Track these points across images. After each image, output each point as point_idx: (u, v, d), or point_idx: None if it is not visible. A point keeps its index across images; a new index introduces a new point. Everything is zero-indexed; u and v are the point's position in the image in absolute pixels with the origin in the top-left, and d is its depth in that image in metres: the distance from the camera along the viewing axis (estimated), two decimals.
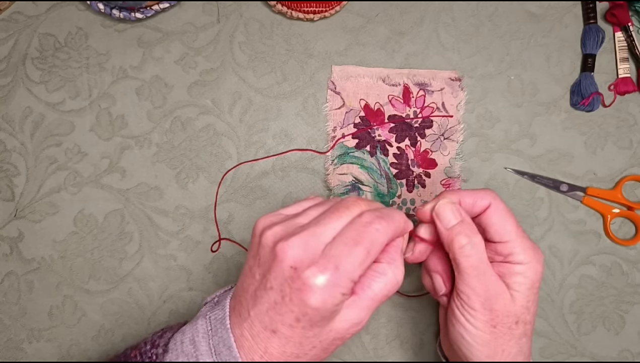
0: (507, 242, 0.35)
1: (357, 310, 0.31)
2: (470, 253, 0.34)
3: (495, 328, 0.34)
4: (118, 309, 0.48)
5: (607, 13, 0.49)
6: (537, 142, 0.49)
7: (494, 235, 0.35)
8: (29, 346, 0.47)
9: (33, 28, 0.49)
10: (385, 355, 0.48)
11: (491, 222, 0.35)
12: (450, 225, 0.35)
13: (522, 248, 0.35)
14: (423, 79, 0.48)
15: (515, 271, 0.35)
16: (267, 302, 0.30)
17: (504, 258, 0.35)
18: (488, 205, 0.36)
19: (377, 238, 0.30)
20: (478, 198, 0.36)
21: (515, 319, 0.34)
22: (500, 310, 0.34)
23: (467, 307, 0.35)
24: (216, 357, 0.31)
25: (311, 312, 0.29)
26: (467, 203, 0.36)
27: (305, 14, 0.47)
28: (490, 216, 0.35)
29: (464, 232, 0.34)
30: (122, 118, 0.48)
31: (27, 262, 0.48)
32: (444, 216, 0.35)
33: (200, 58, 0.49)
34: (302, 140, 0.49)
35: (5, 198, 0.48)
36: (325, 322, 0.30)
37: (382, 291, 0.32)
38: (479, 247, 0.34)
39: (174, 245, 0.48)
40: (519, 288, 0.35)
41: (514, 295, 0.35)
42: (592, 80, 0.48)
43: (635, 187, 0.49)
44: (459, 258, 0.34)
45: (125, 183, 0.48)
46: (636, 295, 0.48)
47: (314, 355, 0.31)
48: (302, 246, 0.29)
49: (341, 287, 0.29)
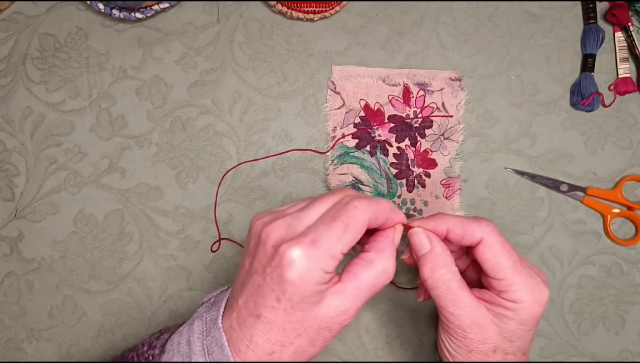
0: (501, 279, 0.33)
1: (342, 298, 0.30)
2: (435, 286, 0.34)
3: (471, 354, 0.34)
4: (118, 309, 0.48)
5: (607, 13, 0.49)
6: (537, 142, 0.49)
7: (488, 271, 0.34)
8: (29, 346, 0.47)
9: (33, 28, 0.49)
10: (385, 355, 0.48)
11: (484, 258, 0.34)
12: (421, 253, 0.35)
13: (519, 287, 0.33)
14: (423, 79, 0.48)
15: (506, 306, 0.33)
16: (252, 286, 0.30)
17: (497, 292, 0.34)
18: (479, 240, 0.34)
19: (356, 215, 0.30)
20: (469, 231, 0.34)
21: (493, 347, 0.34)
22: (475, 338, 0.34)
23: (445, 329, 0.35)
24: (209, 356, 0.31)
25: (290, 288, 0.28)
26: (457, 234, 0.34)
27: (305, 14, 0.47)
28: (482, 252, 0.34)
29: (429, 264, 0.34)
30: (122, 118, 0.48)
31: (27, 262, 0.48)
32: (414, 243, 0.35)
33: (200, 58, 0.49)
34: (302, 140, 0.49)
35: (5, 198, 0.48)
36: (307, 306, 0.29)
37: (369, 280, 0.31)
38: (446, 279, 0.34)
39: (174, 245, 0.48)
40: (505, 322, 0.33)
41: (497, 325, 0.34)
42: (592, 80, 0.48)
43: (635, 187, 0.49)
44: (427, 287, 0.35)
45: (125, 183, 0.48)
46: (636, 295, 0.48)
47: (300, 345, 0.31)
48: (284, 227, 0.30)
49: (319, 261, 0.29)
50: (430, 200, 0.48)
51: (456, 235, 0.34)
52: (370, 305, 0.48)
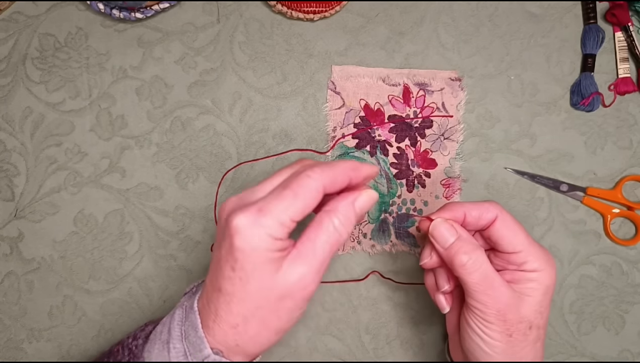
0: (520, 252, 0.35)
1: (299, 264, 0.30)
2: (473, 270, 0.34)
3: (512, 337, 0.34)
4: (118, 309, 0.48)
5: (607, 13, 0.49)
6: (537, 142, 0.49)
7: (506, 247, 0.35)
8: (29, 346, 0.47)
9: (33, 28, 0.49)
10: (385, 355, 0.48)
11: (501, 235, 0.35)
12: (447, 244, 0.35)
13: (535, 256, 0.35)
14: (423, 79, 0.48)
15: (529, 278, 0.35)
16: (214, 262, 0.31)
17: (517, 267, 0.35)
18: (494, 218, 0.35)
19: (307, 183, 0.30)
20: (484, 211, 0.35)
21: (529, 324, 0.34)
22: (514, 318, 0.34)
23: (482, 320, 0.34)
24: (185, 340, 0.31)
25: (240, 255, 0.29)
26: (473, 216, 0.35)
27: (305, 14, 0.47)
28: (499, 229, 0.35)
29: (462, 249, 0.34)
30: (122, 118, 0.48)
31: (27, 262, 0.48)
32: (439, 236, 0.35)
33: (200, 58, 0.49)
34: (302, 140, 0.49)
35: (5, 198, 0.48)
36: (262, 274, 0.29)
37: (325, 246, 0.30)
38: (481, 262, 0.34)
39: (174, 245, 0.48)
40: (532, 294, 0.35)
41: (527, 301, 0.34)
42: (592, 80, 0.48)
43: (635, 187, 0.49)
44: (463, 276, 0.34)
45: (125, 183, 0.48)
46: (636, 295, 0.48)
47: (263, 317, 0.30)
48: (237, 200, 0.31)
49: (265, 227, 0.29)
50: (430, 200, 0.48)
51: (473, 217, 0.35)
52: (370, 305, 0.48)
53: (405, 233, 0.48)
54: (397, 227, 0.48)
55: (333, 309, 0.48)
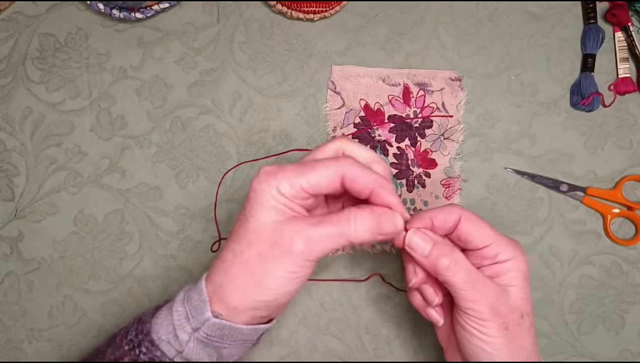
0: (490, 244, 0.35)
1: (300, 223, 0.32)
2: (457, 270, 0.34)
3: (508, 329, 0.34)
4: (118, 309, 0.48)
5: (607, 13, 0.49)
6: (537, 142, 0.49)
7: (476, 243, 0.36)
8: (29, 346, 0.47)
9: (33, 28, 0.49)
10: (385, 355, 0.48)
11: (469, 232, 0.36)
12: (426, 252, 0.35)
13: (505, 246, 0.35)
14: (423, 79, 0.48)
15: (507, 268, 0.35)
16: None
17: (491, 260, 0.36)
18: (459, 218, 0.36)
19: (329, 163, 0.32)
20: (447, 213, 0.36)
21: (520, 313, 0.35)
22: (506, 310, 0.34)
23: (477, 319, 0.34)
24: (187, 303, 0.33)
25: (251, 194, 0.32)
26: (440, 221, 0.36)
27: (305, 14, 0.47)
28: (465, 227, 0.36)
29: (442, 253, 0.35)
30: (122, 118, 0.48)
31: (27, 262, 0.48)
32: (416, 246, 0.35)
33: (200, 58, 0.49)
34: (302, 140, 0.49)
35: (5, 198, 0.48)
36: (263, 215, 0.32)
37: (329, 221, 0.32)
38: (463, 260, 0.35)
39: (174, 245, 0.48)
40: (514, 282, 0.35)
41: (512, 291, 0.35)
42: (592, 80, 0.48)
43: (635, 187, 0.49)
44: (449, 278, 0.35)
45: (125, 183, 0.48)
46: (636, 295, 0.48)
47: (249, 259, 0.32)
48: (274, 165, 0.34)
49: (277, 179, 0.32)
50: (430, 200, 0.48)
51: (439, 221, 0.36)
52: (370, 305, 0.48)
53: None
54: None
55: (333, 309, 0.48)
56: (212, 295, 0.33)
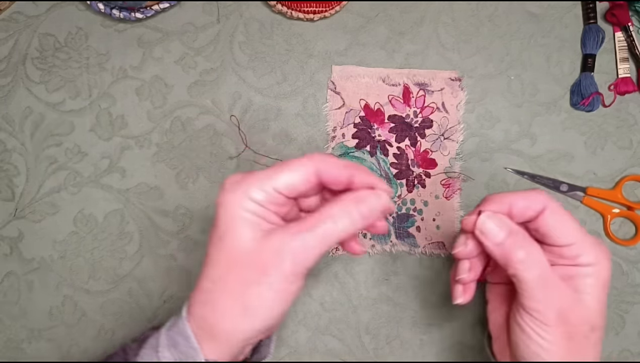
0: (573, 244, 0.31)
1: (278, 234, 0.29)
2: (532, 265, 0.31)
3: (572, 341, 0.31)
4: (118, 309, 0.48)
5: (607, 13, 0.49)
6: (537, 142, 0.49)
7: (557, 239, 0.32)
8: (29, 346, 0.47)
9: (33, 28, 0.49)
10: (385, 355, 0.48)
11: (551, 226, 0.32)
12: (498, 240, 0.32)
13: (589, 248, 0.32)
14: (423, 79, 0.48)
15: (586, 273, 0.31)
16: None
17: (570, 261, 0.32)
18: (543, 209, 0.32)
19: (299, 160, 0.30)
20: (531, 201, 0.32)
21: (591, 326, 0.31)
22: (576, 320, 0.31)
23: (540, 323, 0.31)
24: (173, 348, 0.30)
25: (220, 210, 0.29)
26: (520, 208, 0.32)
27: (305, 14, 0.47)
28: (548, 220, 0.32)
29: (518, 244, 0.31)
30: (122, 118, 0.48)
31: (27, 262, 0.48)
32: (489, 232, 0.32)
33: (200, 58, 0.49)
34: (302, 140, 0.49)
35: (5, 198, 0.48)
36: (236, 233, 0.29)
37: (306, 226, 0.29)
38: (540, 256, 0.31)
39: (174, 245, 0.48)
40: (590, 290, 0.31)
41: (586, 300, 0.31)
42: (592, 80, 0.48)
43: (635, 187, 0.49)
44: (520, 273, 0.31)
45: (125, 183, 0.48)
46: (636, 295, 0.48)
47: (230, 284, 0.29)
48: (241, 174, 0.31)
49: (247, 186, 0.29)
50: (430, 200, 0.48)
51: (519, 208, 0.32)
52: (370, 305, 0.48)
53: (405, 234, 0.48)
54: (397, 227, 0.48)
55: (333, 309, 0.48)
56: (198, 331, 0.30)
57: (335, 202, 0.30)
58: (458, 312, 0.48)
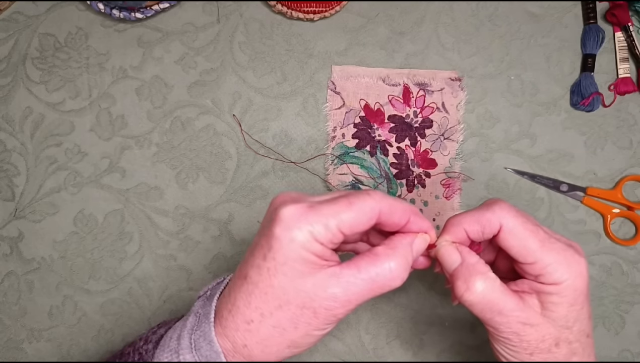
0: (533, 263, 0.31)
1: (334, 281, 0.28)
2: (475, 301, 0.31)
3: (533, 356, 0.31)
4: (118, 309, 0.48)
5: (607, 13, 0.49)
6: (537, 142, 0.49)
7: (517, 257, 0.31)
8: (29, 346, 0.47)
9: (33, 28, 0.49)
10: (385, 355, 0.48)
11: (508, 245, 0.31)
12: (451, 269, 0.32)
13: (553, 266, 0.30)
14: (423, 79, 0.48)
15: (549, 291, 0.30)
16: (249, 250, 0.30)
17: (533, 278, 0.31)
18: (499, 228, 0.31)
19: (364, 198, 0.29)
20: (485, 223, 0.31)
21: (554, 341, 0.31)
22: (532, 339, 0.31)
23: (496, 337, 0.32)
24: (196, 352, 0.30)
25: (275, 244, 0.28)
26: (475, 232, 0.32)
27: (305, 14, 0.47)
28: (504, 239, 0.31)
29: (462, 278, 0.31)
30: (122, 118, 0.48)
31: (27, 262, 0.48)
32: (443, 260, 0.33)
33: (200, 58, 0.49)
34: (302, 140, 0.49)
35: (5, 198, 0.48)
36: (292, 272, 0.28)
37: (370, 274, 0.29)
38: (484, 291, 0.30)
39: (174, 245, 0.48)
40: (554, 308, 0.31)
41: (549, 316, 0.31)
42: (592, 80, 0.48)
43: (635, 187, 0.49)
44: (465, 305, 0.31)
45: (125, 183, 0.48)
46: (636, 295, 0.48)
47: (280, 320, 0.29)
48: (292, 195, 0.30)
49: (310, 223, 0.27)
50: (430, 200, 0.48)
51: (475, 232, 0.32)
52: (370, 305, 0.48)
53: None
54: None
55: None
56: (231, 352, 0.30)
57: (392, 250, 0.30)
58: (458, 312, 0.48)
